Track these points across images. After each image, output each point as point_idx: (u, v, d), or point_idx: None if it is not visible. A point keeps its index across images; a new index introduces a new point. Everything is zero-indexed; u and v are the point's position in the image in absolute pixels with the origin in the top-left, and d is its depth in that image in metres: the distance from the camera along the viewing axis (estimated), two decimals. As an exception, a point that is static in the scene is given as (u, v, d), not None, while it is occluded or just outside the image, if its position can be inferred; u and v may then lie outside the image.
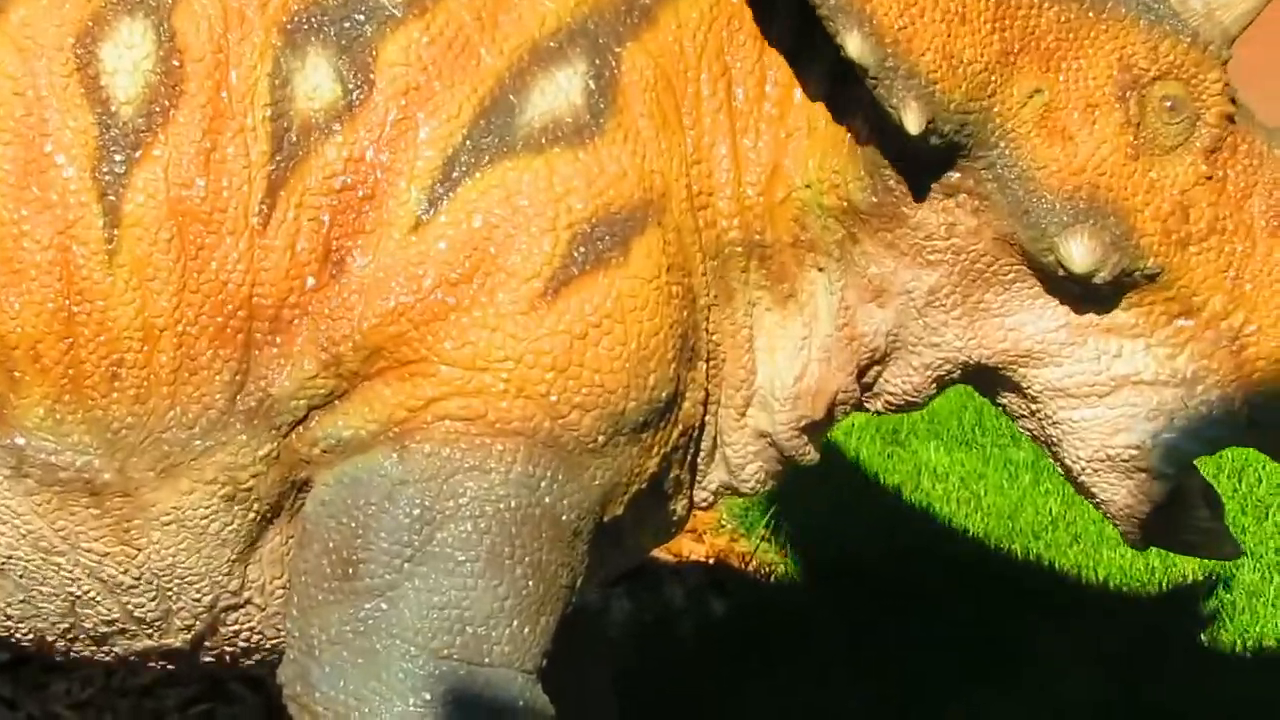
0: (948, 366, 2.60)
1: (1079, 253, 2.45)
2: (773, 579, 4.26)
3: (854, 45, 2.37)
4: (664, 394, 2.50)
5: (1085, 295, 2.50)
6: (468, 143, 2.40)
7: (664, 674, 3.69)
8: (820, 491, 4.36)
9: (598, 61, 2.43)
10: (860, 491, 4.61)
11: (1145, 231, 2.48)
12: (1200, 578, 4.09)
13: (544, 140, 2.37)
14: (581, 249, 2.38)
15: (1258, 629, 3.86)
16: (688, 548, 4.29)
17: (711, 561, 4.29)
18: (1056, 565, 4.14)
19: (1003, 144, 2.46)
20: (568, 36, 2.43)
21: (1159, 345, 2.55)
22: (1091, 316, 2.53)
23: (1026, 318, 2.55)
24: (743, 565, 4.27)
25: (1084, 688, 3.65)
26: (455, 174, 2.38)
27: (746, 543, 4.38)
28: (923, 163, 2.44)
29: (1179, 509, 2.64)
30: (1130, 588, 4.06)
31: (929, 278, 2.52)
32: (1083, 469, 2.60)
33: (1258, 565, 4.15)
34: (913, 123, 2.38)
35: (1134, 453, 2.57)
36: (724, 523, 4.50)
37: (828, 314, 2.57)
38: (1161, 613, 4.03)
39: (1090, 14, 2.49)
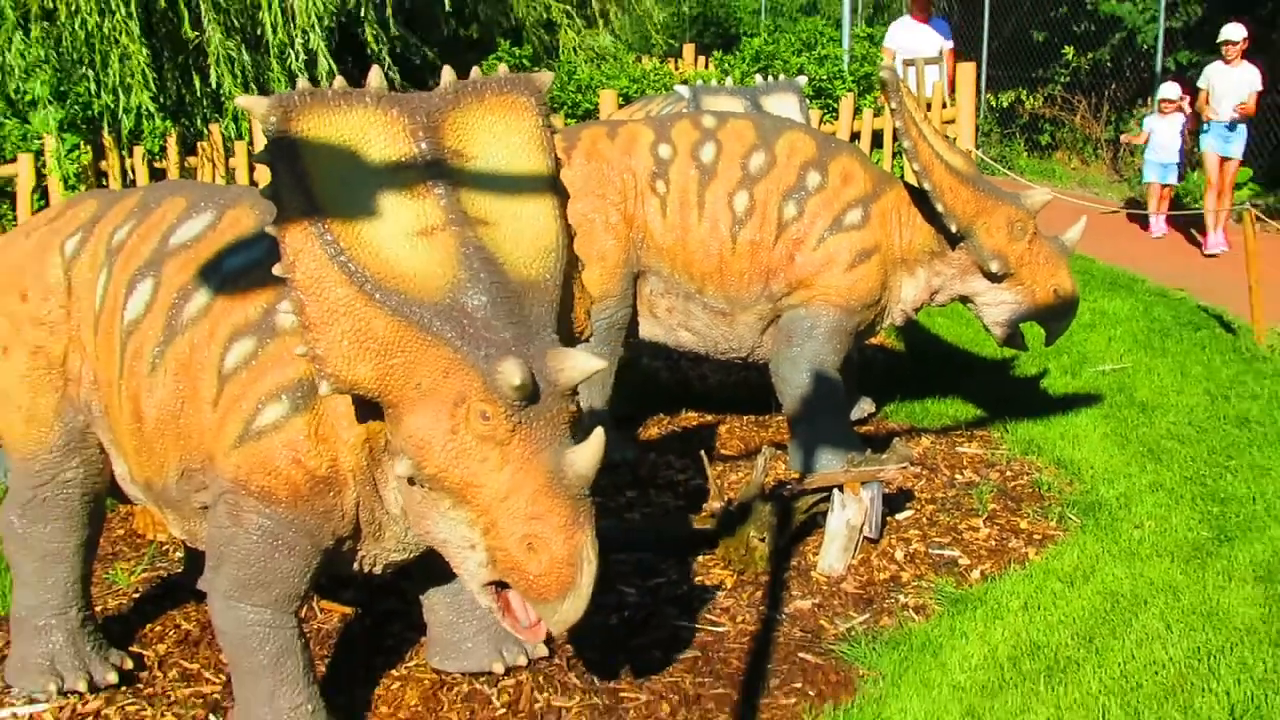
0: (952, 295, 5.79)
1: (993, 264, 5.68)
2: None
3: (940, 221, 5.64)
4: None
5: (992, 278, 5.72)
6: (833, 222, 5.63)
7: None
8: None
9: (867, 205, 5.60)
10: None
11: (1009, 260, 5.65)
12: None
13: (847, 226, 5.54)
14: (859, 255, 5.59)
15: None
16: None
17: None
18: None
19: (973, 236, 5.60)
20: (859, 200, 5.62)
21: (1014, 291, 5.77)
22: (995, 284, 5.73)
23: (977, 282, 5.78)
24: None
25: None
26: (831, 232, 5.58)
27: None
28: (953, 240, 5.65)
29: (1015, 334, 5.91)
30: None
31: (950, 269, 5.74)
32: (989, 325, 5.85)
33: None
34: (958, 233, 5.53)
35: (1007, 317, 5.85)
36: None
37: (925, 276, 5.76)
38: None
39: (990, 195, 5.68)
